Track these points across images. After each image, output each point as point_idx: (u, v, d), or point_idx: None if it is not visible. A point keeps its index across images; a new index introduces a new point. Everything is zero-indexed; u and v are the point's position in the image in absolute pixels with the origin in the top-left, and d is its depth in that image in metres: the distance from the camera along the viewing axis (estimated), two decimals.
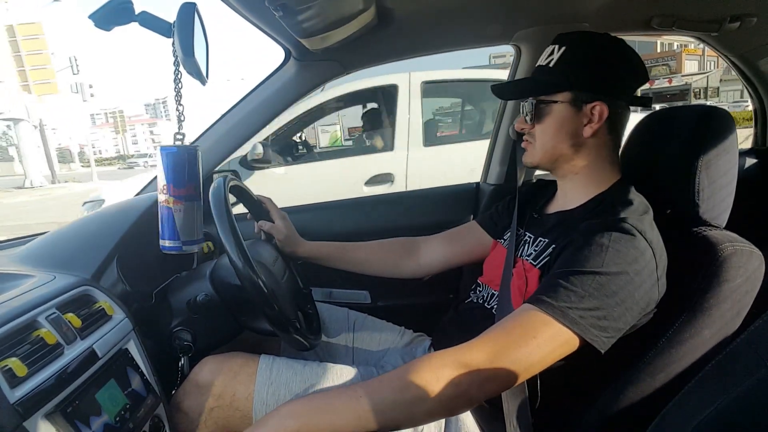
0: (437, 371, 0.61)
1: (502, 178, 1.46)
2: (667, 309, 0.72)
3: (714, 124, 0.75)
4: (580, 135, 0.80)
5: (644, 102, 0.84)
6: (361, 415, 0.59)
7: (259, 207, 1.06)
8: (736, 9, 1.14)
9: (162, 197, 0.69)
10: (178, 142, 0.78)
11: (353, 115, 3.97)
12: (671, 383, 0.72)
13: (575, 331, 0.64)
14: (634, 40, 1.21)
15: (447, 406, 0.62)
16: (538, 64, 0.84)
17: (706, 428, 0.42)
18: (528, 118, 0.84)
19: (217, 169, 1.24)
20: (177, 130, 0.74)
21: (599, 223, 0.71)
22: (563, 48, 0.79)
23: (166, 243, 0.72)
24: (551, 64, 0.80)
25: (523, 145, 0.88)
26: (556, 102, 0.80)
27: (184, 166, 0.69)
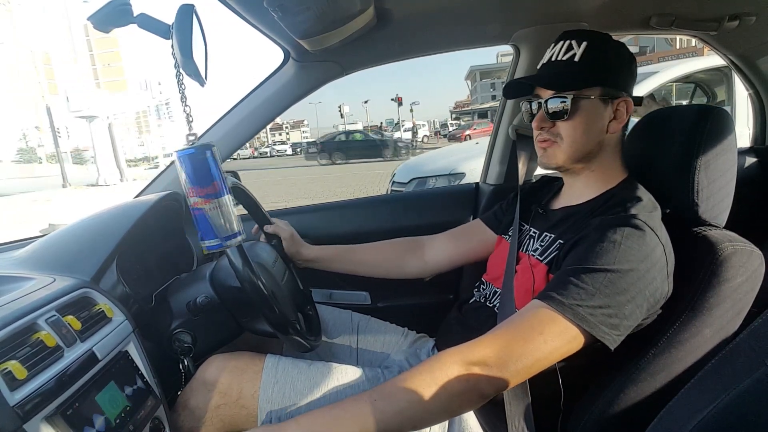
0: (448, 369, 0.62)
1: (501, 178, 1.46)
2: (667, 309, 0.72)
3: (713, 124, 0.75)
4: (604, 132, 0.79)
5: (637, 101, 0.85)
6: (378, 418, 0.60)
7: (258, 209, 1.06)
8: (735, 8, 1.14)
9: (192, 200, 0.69)
10: (191, 142, 0.77)
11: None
12: (672, 383, 0.72)
13: (585, 328, 0.64)
14: (652, 36, 1.21)
15: (459, 402, 0.64)
16: (554, 59, 0.81)
17: (706, 427, 0.42)
18: (549, 115, 0.80)
19: None
20: (188, 131, 0.74)
21: (612, 219, 0.71)
22: (585, 43, 0.77)
23: (207, 243, 0.70)
24: (576, 59, 0.78)
25: (543, 145, 0.83)
26: (588, 98, 0.78)
27: (205, 163, 0.68)
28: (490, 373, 0.62)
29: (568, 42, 0.79)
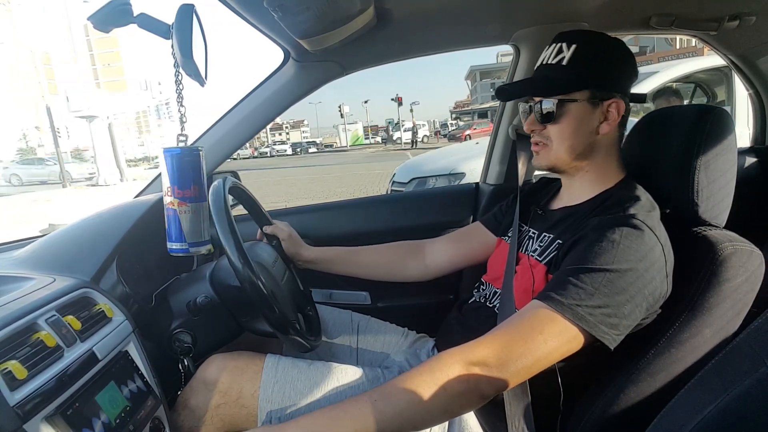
0: (448, 370, 0.62)
1: (501, 178, 1.46)
2: (667, 309, 0.72)
3: (713, 124, 0.75)
4: (595, 133, 0.79)
5: (640, 98, 0.85)
6: (378, 418, 0.60)
7: (258, 209, 1.06)
8: (735, 8, 1.14)
9: (167, 199, 0.69)
10: (181, 144, 0.78)
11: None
12: (671, 383, 0.72)
13: (584, 327, 0.64)
14: (653, 36, 1.21)
15: (460, 403, 0.64)
16: (545, 62, 0.81)
17: (706, 427, 0.42)
18: (539, 118, 0.81)
19: (216, 170, 1.24)
20: (180, 132, 0.74)
21: (610, 219, 0.71)
22: (574, 46, 0.77)
23: (173, 245, 0.71)
24: (564, 62, 0.78)
25: (534, 148, 0.85)
26: (574, 101, 0.78)
27: (188, 167, 0.69)
28: (491, 373, 0.62)
29: (559, 45, 0.79)
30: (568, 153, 0.81)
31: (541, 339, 0.64)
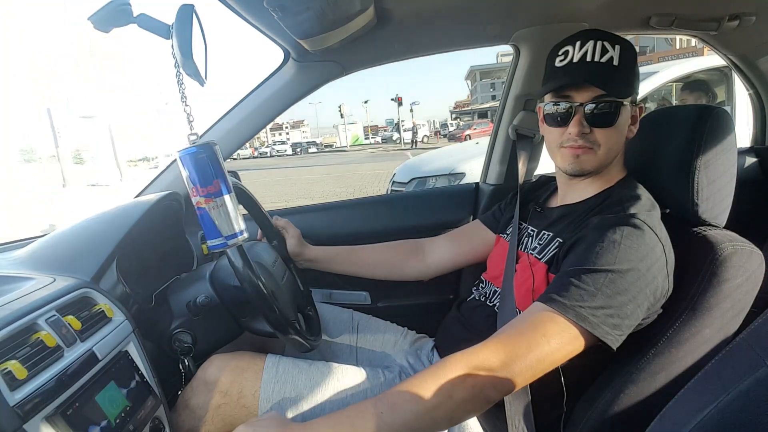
0: (453, 376, 0.61)
1: (501, 178, 1.46)
2: (667, 309, 0.72)
3: (713, 124, 0.75)
4: (625, 137, 0.80)
5: None
6: (384, 428, 0.59)
7: (259, 210, 1.06)
8: (735, 8, 1.14)
9: (194, 200, 0.69)
10: (193, 142, 0.77)
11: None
12: (671, 383, 0.72)
13: (587, 328, 0.64)
14: (653, 36, 1.21)
15: (466, 407, 0.63)
16: (592, 59, 0.75)
17: (706, 427, 0.42)
18: (590, 121, 0.76)
19: None
20: (189, 131, 0.74)
21: (611, 218, 0.71)
22: (618, 46, 0.75)
23: (210, 242, 0.70)
24: (615, 63, 0.75)
25: (575, 152, 0.78)
26: (626, 104, 0.77)
27: (206, 162, 0.68)
28: (496, 377, 0.62)
29: (600, 43, 0.75)
30: (610, 158, 0.80)
31: (544, 341, 0.64)
